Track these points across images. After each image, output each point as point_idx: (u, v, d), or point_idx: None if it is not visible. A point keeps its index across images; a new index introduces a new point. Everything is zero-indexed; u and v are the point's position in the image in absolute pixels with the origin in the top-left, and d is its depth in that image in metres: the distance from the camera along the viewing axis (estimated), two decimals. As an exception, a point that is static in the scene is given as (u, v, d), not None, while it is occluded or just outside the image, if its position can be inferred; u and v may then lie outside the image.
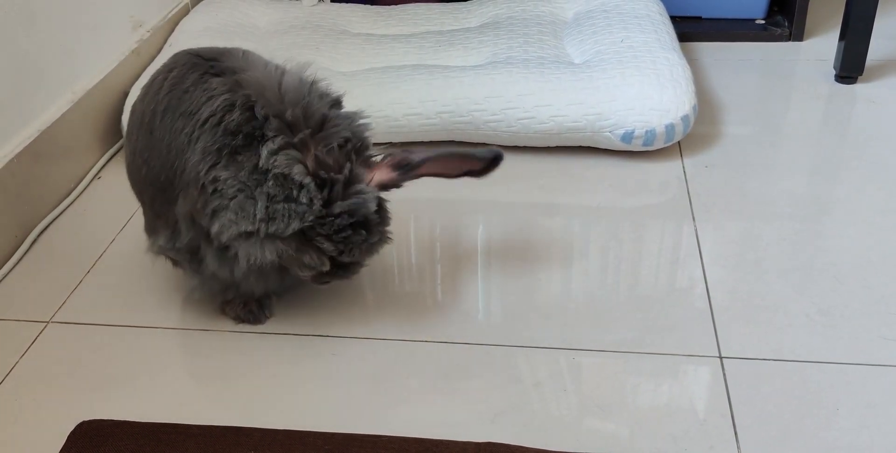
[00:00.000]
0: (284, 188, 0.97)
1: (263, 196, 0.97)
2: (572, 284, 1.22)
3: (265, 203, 0.97)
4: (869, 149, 1.51)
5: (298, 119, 0.98)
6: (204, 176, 0.98)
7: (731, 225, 1.33)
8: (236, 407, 1.04)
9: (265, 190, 0.97)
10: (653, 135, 1.46)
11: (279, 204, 0.97)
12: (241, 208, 0.98)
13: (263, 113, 0.97)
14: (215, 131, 0.98)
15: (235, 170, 0.98)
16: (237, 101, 0.98)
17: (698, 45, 1.94)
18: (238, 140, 0.97)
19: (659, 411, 1.00)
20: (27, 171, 1.36)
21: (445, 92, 1.50)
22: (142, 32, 1.74)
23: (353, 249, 1.01)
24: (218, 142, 0.98)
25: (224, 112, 0.98)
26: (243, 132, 0.97)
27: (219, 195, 0.99)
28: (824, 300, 1.16)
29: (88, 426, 0.99)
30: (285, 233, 0.99)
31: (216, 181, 0.98)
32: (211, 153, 0.98)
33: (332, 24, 1.82)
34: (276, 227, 0.98)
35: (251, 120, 0.98)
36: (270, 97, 0.98)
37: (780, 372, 1.05)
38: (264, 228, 0.99)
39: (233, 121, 0.97)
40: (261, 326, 1.16)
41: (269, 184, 0.97)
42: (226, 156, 0.98)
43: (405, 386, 1.05)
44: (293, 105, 0.98)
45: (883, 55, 1.83)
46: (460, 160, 1.05)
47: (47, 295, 1.24)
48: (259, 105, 0.98)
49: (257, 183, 0.97)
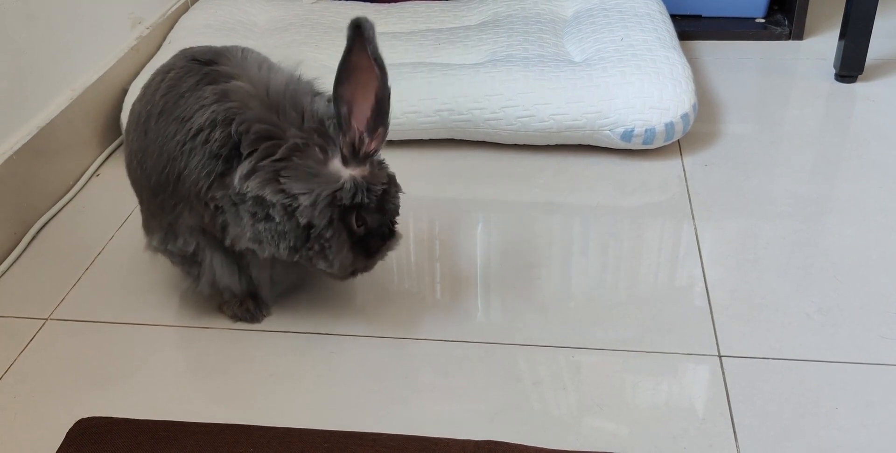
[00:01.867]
0: (263, 207, 0.99)
1: (247, 215, 1.00)
2: (572, 283, 1.22)
3: (250, 221, 1.01)
4: (869, 147, 1.51)
5: (280, 124, 0.99)
6: (204, 195, 1.02)
7: (730, 223, 1.33)
8: (235, 404, 1.04)
9: (247, 209, 1.00)
10: (652, 134, 1.46)
11: (260, 223, 1.00)
12: (238, 225, 1.02)
13: (240, 129, 0.98)
14: (204, 151, 1.00)
15: (225, 190, 1.00)
16: (218, 118, 0.99)
17: (698, 44, 1.94)
18: (219, 166, 1.00)
19: (658, 410, 1.00)
20: (26, 168, 1.36)
21: (445, 90, 1.50)
22: (141, 29, 1.74)
23: (392, 202, 1.03)
24: (207, 166, 1.00)
25: (210, 128, 1.00)
26: (223, 156, 0.99)
27: (222, 211, 1.02)
28: (824, 299, 1.16)
29: (87, 423, 0.99)
30: (282, 256, 1.03)
31: (214, 199, 1.02)
32: (203, 176, 1.01)
33: (331, 22, 1.82)
34: (269, 251, 1.03)
35: (229, 138, 0.99)
36: (254, 106, 0.99)
37: (780, 370, 1.05)
38: (259, 251, 1.03)
39: (215, 141, 0.99)
40: (259, 324, 1.16)
41: (249, 204, 1.00)
42: (215, 178, 1.00)
43: (404, 384, 1.05)
44: (274, 109, 0.99)
45: (883, 54, 1.83)
46: (355, 67, 0.97)
47: (46, 292, 1.23)
48: (237, 121, 0.99)
49: (241, 200, 1.00)
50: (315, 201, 0.98)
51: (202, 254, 1.09)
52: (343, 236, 1.01)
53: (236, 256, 1.10)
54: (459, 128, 1.52)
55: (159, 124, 1.03)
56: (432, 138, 1.55)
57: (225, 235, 1.04)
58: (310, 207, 0.98)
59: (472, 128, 1.51)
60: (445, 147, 1.55)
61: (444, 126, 1.52)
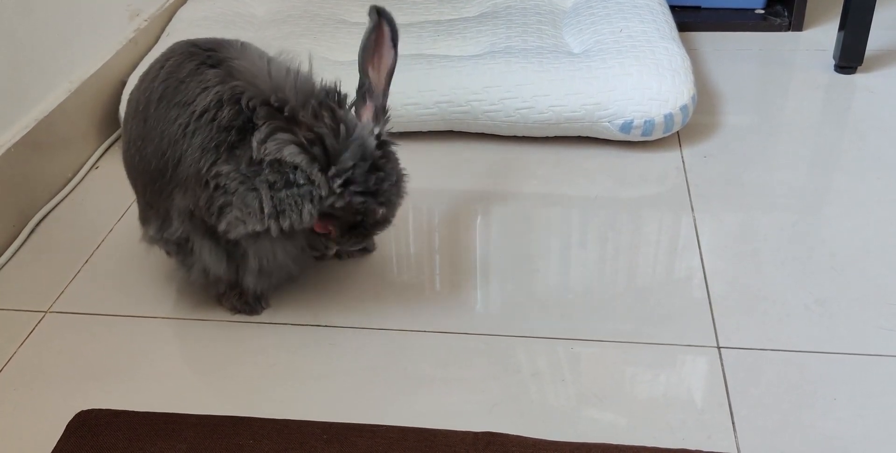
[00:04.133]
0: (282, 173, 0.98)
1: (265, 185, 0.99)
2: (570, 274, 1.22)
3: (268, 192, 0.99)
4: (868, 139, 1.51)
5: (284, 100, 0.98)
6: (206, 173, 1.00)
7: (729, 215, 1.33)
8: (234, 396, 1.04)
9: (264, 178, 0.98)
10: (651, 126, 1.45)
11: (281, 191, 0.98)
12: (246, 204, 1.00)
13: (251, 104, 0.98)
14: (210, 127, 0.99)
15: (236, 164, 0.99)
16: (225, 96, 0.99)
17: (697, 35, 1.94)
18: (232, 135, 0.99)
19: (657, 401, 1.00)
20: (24, 161, 1.36)
21: (444, 81, 1.50)
22: (139, 22, 1.74)
23: (387, 194, 1.03)
24: (215, 139, 0.99)
25: (216, 107, 0.99)
26: (235, 127, 0.99)
27: (223, 191, 1.00)
28: (822, 290, 1.16)
29: (86, 415, 0.99)
30: (303, 223, 1.01)
31: (218, 176, 1.00)
32: (210, 150, 0.99)
33: (329, 14, 1.82)
34: (288, 221, 1.00)
35: (240, 113, 0.99)
36: (259, 83, 0.99)
37: (778, 362, 1.05)
38: (275, 226, 1.01)
39: (224, 117, 0.99)
40: (258, 316, 1.16)
41: (266, 172, 0.98)
42: (224, 151, 0.99)
43: (404, 376, 1.06)
44: (279, 89, 0.99)
45: (882, 45, 1.83)
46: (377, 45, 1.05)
47: (45, 285, 1.23)
48: (246, 96, 0.98)
49: (256, 173, 0.98)
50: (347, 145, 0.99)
51: (192, 242, 1.08)
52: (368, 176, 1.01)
53: (229, 245, 1.09)
54: (458, 119, 1.51)
55: (159, 110, 1.03)
56: (431, 130, 1.55)
57: (220, 219, 1.02)
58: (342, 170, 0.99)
59: (471, 120, 1.51)
60: (444, 139, 1.55)
61: (444, 118, 1.51)
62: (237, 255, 1.10)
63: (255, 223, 1.01)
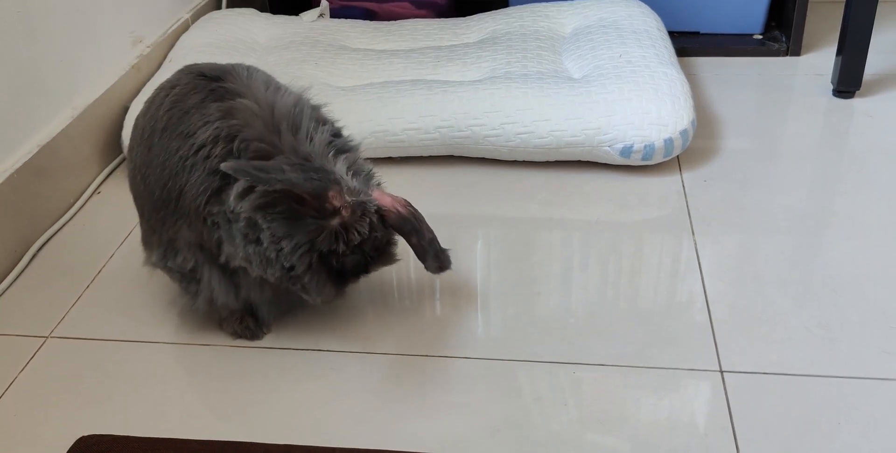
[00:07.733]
0: (255, 230, 0.99)
1: (239, 234, 1.00)
2: (572, 298, 1.22)
3: (242, 242, 1.01)
4: (867, 163, 1.52)
5: (280, 146, 0.99)
6: (202, 210, 1.02)
7: (730, 238, 1.33)
8: (236, 421, 1.03)
9: (240, 229, 1.00)
10: (651, 150, 1.46)
11: (251, 246, 1.00)
12: (230, 243, 1.02)
13: (242, 146, 0.99)
14: (204, 166, 1.00)
15: (221, 206, 1.01)
16: (221, 134, 1.00)
17: (696, 60, 1.95)
18: (216, 181, 1.00)
19: (660, 425, 1.00)
20: (27, 186, 1.36)
21: (444, 107, 1.51)
22: (142, 48, 1.75)
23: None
24: (206, 182, 1.01)
25: (212, 144, 1.00)
26: (220, 172, 0.99)
27: (217, 227, 1.02)
28: (824, 313, 1.16)
29: (88, 441, 0.99)
30: (270, 278, 1.03)
31: (211, 214, 1.02)
32: (201, 191, 1.01)
33: (331, 40, 1.83)
34: (258, 272, 1.03)
35: (229, 155, 0.99)
36: (257, 125, 1.00)
37: (781, 385, 1.05)
38: (251, 270, 1.04)
39: (215, 157, 1.00)
40: (260, 341, 1.16)
41: (241, 224, 1.00)
42: (212, 194, 1.01)
43: (405, 400, 1.05)
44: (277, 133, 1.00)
45: (880, 69, 1.84)
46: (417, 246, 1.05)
47: (47, 309, 1.23)
48: (240, 138, 0.99)
49: (236, 219, 1.00)
50: (295, 247, 0.99)
51: (201, 271, 1.09)
52: (323, 276, 1.02)
53: (232, 274, 1.10)
54: (459, 144, 1.52)
55: (163, 140, 1.04)
56: (432, 155, 1.56)
57: (220, 252, 1.05)
58: (290, 253, 0.99)
59: (472, 145, 1.52)
60: (445, 164, 1.56)
61: (444, 143, 1.52)
62: (246, 285, 1.10)
63: (240, 261, 1.04)
